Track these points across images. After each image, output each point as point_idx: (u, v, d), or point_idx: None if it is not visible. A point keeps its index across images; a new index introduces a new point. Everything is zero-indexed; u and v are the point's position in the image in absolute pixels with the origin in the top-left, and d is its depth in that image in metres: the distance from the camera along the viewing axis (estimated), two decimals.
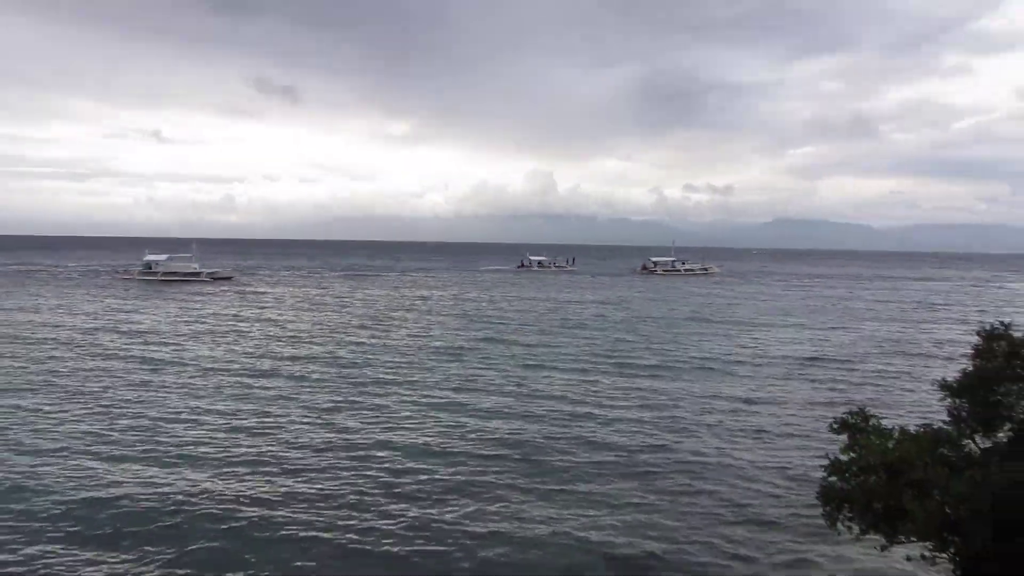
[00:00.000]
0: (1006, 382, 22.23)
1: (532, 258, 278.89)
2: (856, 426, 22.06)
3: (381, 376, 64.11)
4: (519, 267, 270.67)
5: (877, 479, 20.25)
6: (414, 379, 62.72)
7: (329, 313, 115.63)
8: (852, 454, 21.35)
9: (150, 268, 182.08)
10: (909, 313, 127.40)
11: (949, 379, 22.95)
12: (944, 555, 19.61)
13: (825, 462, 21.81)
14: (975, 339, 23.42)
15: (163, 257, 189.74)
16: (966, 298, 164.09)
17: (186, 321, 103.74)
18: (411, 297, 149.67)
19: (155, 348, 78.55)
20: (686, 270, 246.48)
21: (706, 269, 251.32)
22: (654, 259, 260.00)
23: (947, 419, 22.37)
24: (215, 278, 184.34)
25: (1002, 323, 23.68)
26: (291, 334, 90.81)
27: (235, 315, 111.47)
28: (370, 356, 74.60)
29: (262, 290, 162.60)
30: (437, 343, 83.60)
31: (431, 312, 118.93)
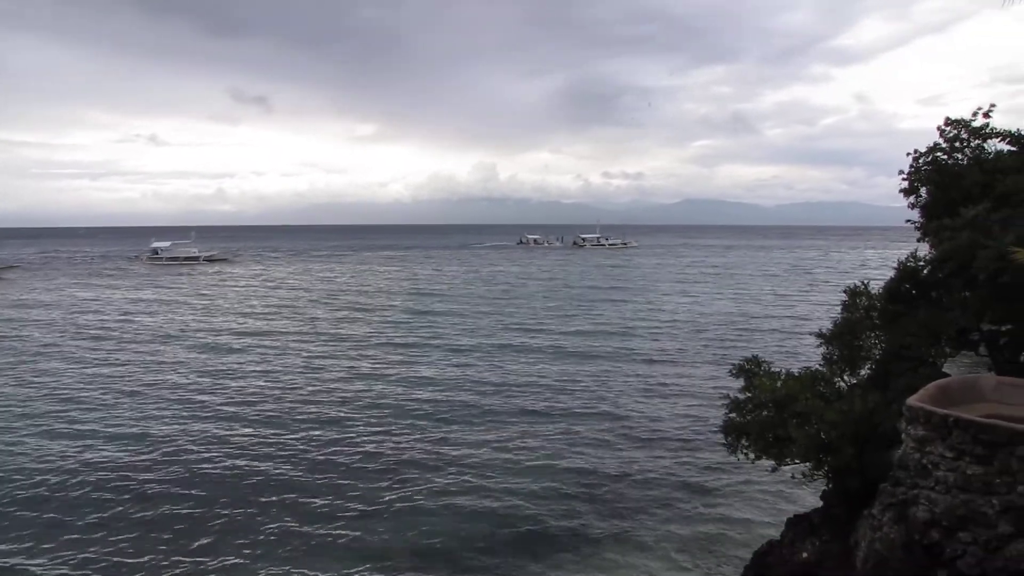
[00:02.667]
0: (865, 331, 23.32)
1: (528, 236, 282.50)
2: (750, 371, 22.96)
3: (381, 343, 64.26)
4: (518, 243, 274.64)
5: (768, 413, 21.17)
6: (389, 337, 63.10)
7: (319, 286, 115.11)
8: (748, 394, 22.25)
9: (156, 253, 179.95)
10: (789, 276, 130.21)
11: (823, 330, 24.01)
12: (820, 472, 20.62)
13: (726, 401, 22.74)
14: (843, 296, 24.54)
15: (167, 243, 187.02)
16: (833, 262, 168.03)
17: (186, 295, 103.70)
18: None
19: (162, 317, 78.05)
20: (610, 244, 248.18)
21: (626, 243, 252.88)
22: (583, 236, 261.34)
23: (822, 362, 23.37)
24: (211, 260, 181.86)
25: (862, 283, 24.78)
26: (272, 305, 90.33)
27: (226, 289, 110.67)
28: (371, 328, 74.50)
29: (252, 269, 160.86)
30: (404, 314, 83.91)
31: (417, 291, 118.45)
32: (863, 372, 23.24)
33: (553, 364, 53.08)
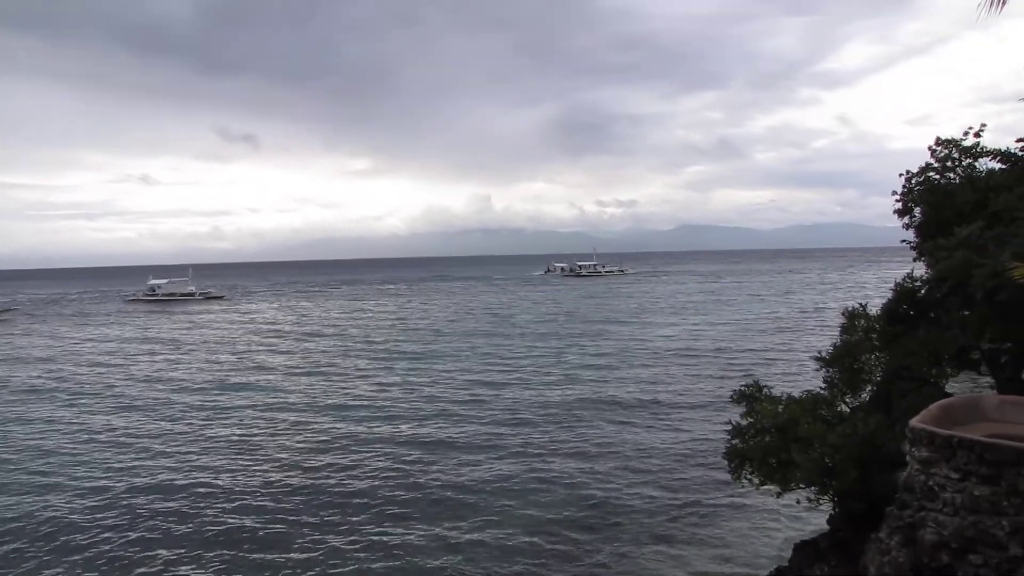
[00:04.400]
0: (865, 352, 23.28)
1: (555, 264, 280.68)
2: (752, 396, 22.90)
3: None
4: (546, 272, 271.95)
5: (770, 438, 21.05)
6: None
7: (318, 322, 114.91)
8: (749, 419, 22.14)
9: (153, 291, 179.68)
10: (786, 300, 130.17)
11: (822, 353, 23.97)
12: (825, 496, 20.46)
13: (728, 427, 22.63)
14: (841, 319, 24.54)
15: (163, 281, 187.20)
16: (829, 285, 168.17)
17: (183, 332, 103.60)
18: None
19: (159, 356, 77.62)
20: (606, 271, 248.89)
21: (622, 270, 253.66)
22: (579, 263, 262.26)
23: (823, 385, 23.29)
24: (208, 297, 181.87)
25: (861, 305, 24.80)
26: (273, 343, 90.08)
27: (226, 328, 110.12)
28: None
29: (251, 306, 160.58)
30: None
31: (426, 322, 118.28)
32: (864, 394, 23.17)
33: (553, 393, 52.78)
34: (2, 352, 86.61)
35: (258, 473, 36.30)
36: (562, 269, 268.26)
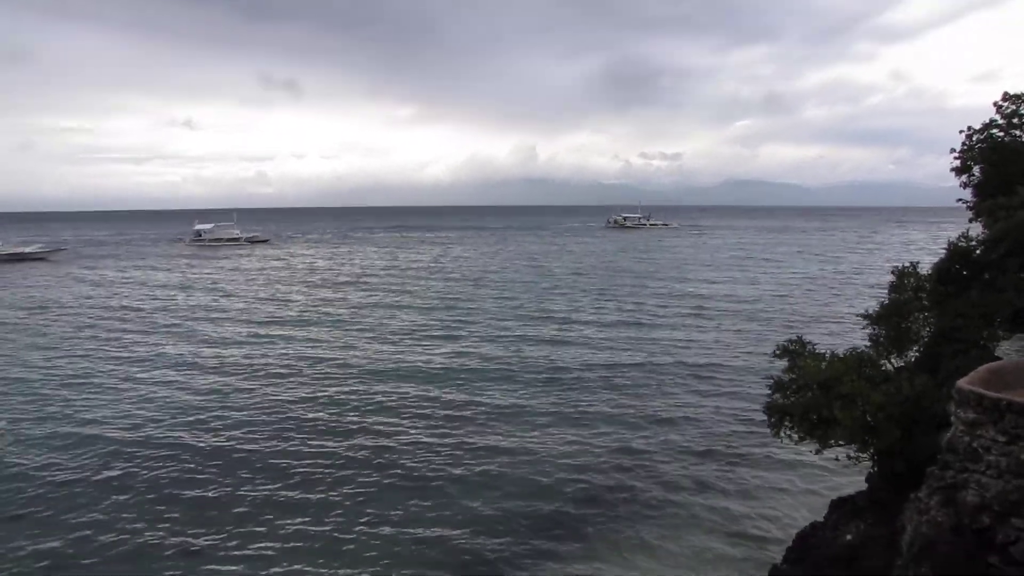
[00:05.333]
0: (914, 312, 22.87)
1: (616, 216, 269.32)
2: (794, 351, 22.65)
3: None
4: (614, 224, 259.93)
5: (812, 394, 20.88)
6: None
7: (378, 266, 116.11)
8: (791, 375, 21.96)
9: (199, 235, 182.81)
10: (833, 257, 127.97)
11: (869, 311, 23.61)
12: (865, 455, 20.32)
13: (769, 382, 22.50)
14: (890, 278, 24.09)
15: (209, 226, 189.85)
16: (878, 244, 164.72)
17: (232, 273, 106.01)
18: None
19: (208, 296, 79.41)
20: (651, 225, 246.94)
21: (667, 224, 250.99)
22: (624, 215, 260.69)
23: (868, 344, 22.97)
24: (253, 242, 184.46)
25: (911, 264, 24.29)
26: (312, 288, 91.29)
27: (268, 272, 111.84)
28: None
29: (294, 250, 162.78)
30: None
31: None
32: (911, 354, 22.82)
33: (594, 345, 52.88)
34: (51, 289, 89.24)
35: (281, 419, 36.93)
36: (627, 220, 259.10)
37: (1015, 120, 25.59)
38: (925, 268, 23.70)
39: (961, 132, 26.77)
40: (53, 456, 31.34)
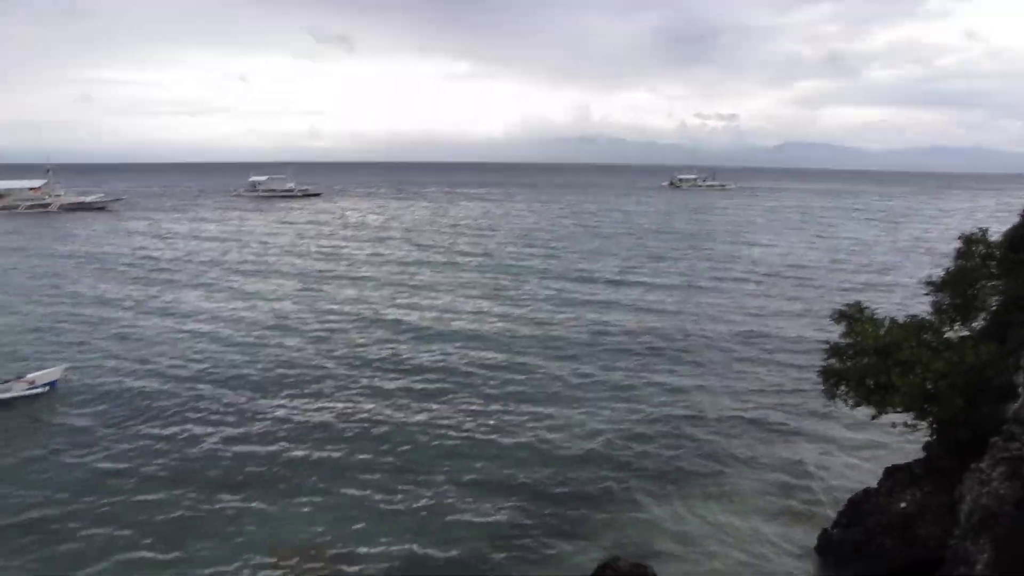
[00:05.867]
0: (981, 279, 22.16)
1: (680, 176, 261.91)
2: (852, 316, 22.15)
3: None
4: (669, 185, 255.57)
5: (869, 360, 20.46)
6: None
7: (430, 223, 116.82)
8: (849, 339, 21.53)
9: (254, 187, 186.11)
10: (895, 224, 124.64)
11: (933, 278, 22.98)
12: (923, 423, 19.91)
13: (825, 346, 22.11)
14: (955, 244, 23.37)
15: (264, 178, 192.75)
16: (944, 211, 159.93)
17: (284, 225, 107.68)
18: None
19: (259, 248, 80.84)
20: (707, 186, 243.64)
21: (723, 186, 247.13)
22: (680, 176, 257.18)
23: (930, 311, 22.36)
24: (306, 194, 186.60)
25: (980, 229, 23.48)
26: (359, 242, 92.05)
27: (322, 223, 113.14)
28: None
29: (345, 204, 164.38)
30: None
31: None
32: (976, 322, 22.18)
33: (643, 308, 52.49)
34: (109, 238, 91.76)
35: (323, 376, 37.35)
36: (680, 182, 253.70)
37: None
38: (995, 236, 22.89)
39: None
40: (107, 400, 32.41)
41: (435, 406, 31.69)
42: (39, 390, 32.69)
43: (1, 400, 31.57)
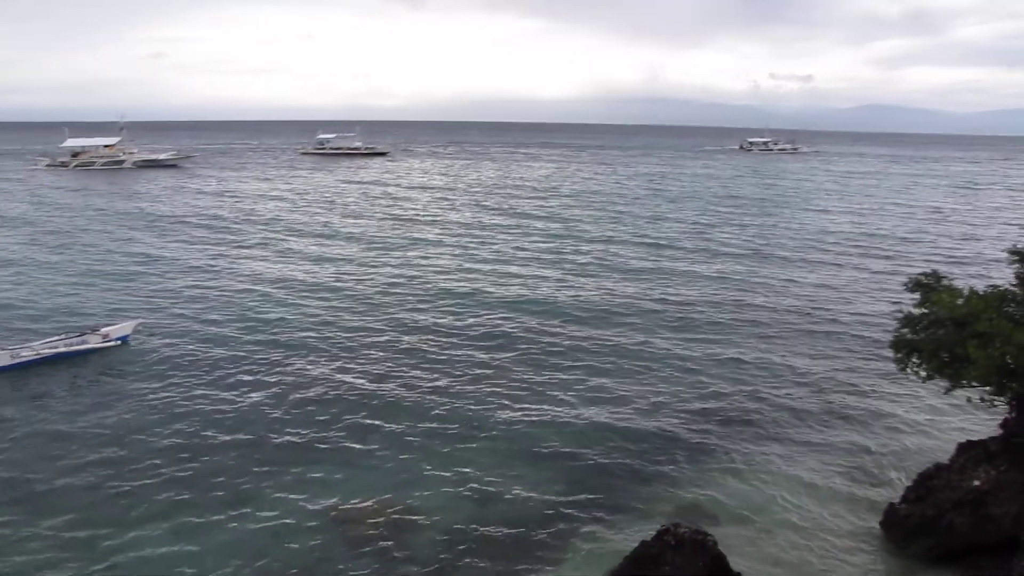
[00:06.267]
0: None
1: (751, 140, 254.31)
2: (929, 285, 21.40)
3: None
4: (739, 148, 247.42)
5: (945, 331, 19.78)
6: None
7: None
8: (924, 309, 20.83)
9: (322, 145, 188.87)
10: (976, 191, 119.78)
11: (1017, 246, 21.98)
12: (1002, 398, 19.21)
13: (898, 315, 21.45)
14: None
15: (331, 136, 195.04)
16: None
17: (350, 184, 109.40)
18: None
19: (325, 207, 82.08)
20: (778, 149, 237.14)
21: (796, 149, 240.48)
22: (751, 139, 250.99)
23: (1014, 281, 21.41)
24: (373, 153, 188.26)
25: None
26: (424, 200, 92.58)
27: (387, 183, 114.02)
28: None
29: (412, 162, 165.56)
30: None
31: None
32: None
33: (706, 276, 51.59)
34: (178, 196, 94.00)
35: (380, 342, 37.63)
36: (751, 145, 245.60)
37: None
38: None
39: None
40: (175, 358, 33.24)
41: (493, 373, 31.60)
42: (112, 343, 33.74)
43: (77, 352, 32.76)
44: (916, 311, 21.02)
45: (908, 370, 20.88)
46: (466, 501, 21.48)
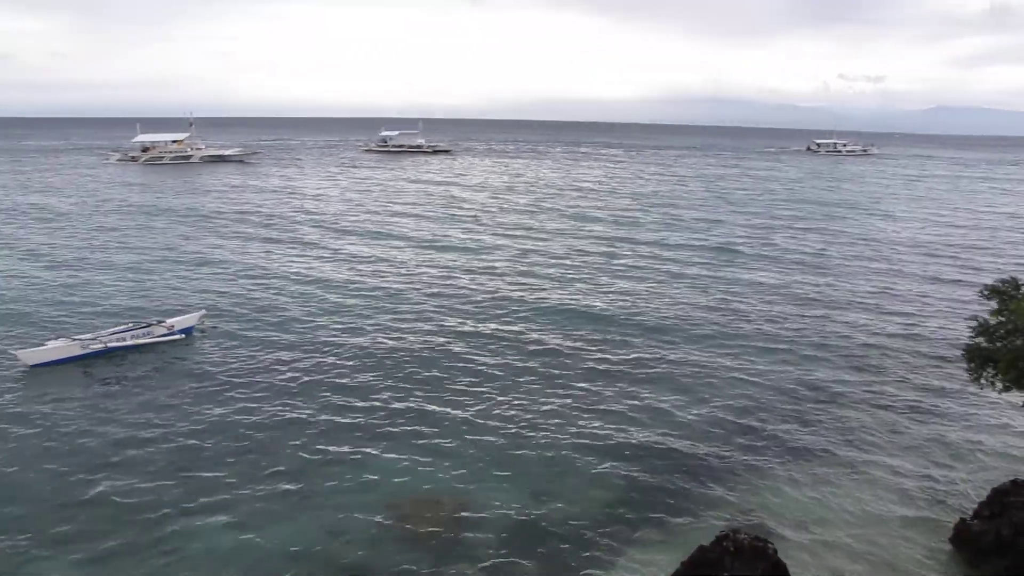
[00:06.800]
0: None
1: (818, 142, 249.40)
2: (1006, 293, 20.60)
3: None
4: (807, 149, 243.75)
5: (1023, 341, 19.02)
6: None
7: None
8: (1000, 318, 20.07)
9: (385, 142, 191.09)
10: None
11: None
12: None
13: (972, 324, 20.72)
14: None
15: (394, 133, 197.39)
16: None
17: (414, 181, 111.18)
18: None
19: (383, 202, 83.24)
20: (847, 151, 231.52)
21: (866, 151, 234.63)
22: (819, 140, 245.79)
23: None
24: (436, 150, 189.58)
25: None
26: (482, 199, 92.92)
27: (449, 181, 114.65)
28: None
29: (472, 160, 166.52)
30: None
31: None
32: None
33: (767, 281, 50.67)
34: (242, 192, 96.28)
35: (437, 348, 38.23)
36: (819, 146, 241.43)
37: None
38: None
39: None
40: (238, 350, 34.05)
41: (548, 381, 31.37)
42: (177, 336, 34.62)
43: (143, 343, 33.69)
44: (992, 320, 20.27)
45: (982, 381, 20.17)
46: (522, 502, 21.47)
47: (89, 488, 21.63)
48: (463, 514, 20.69)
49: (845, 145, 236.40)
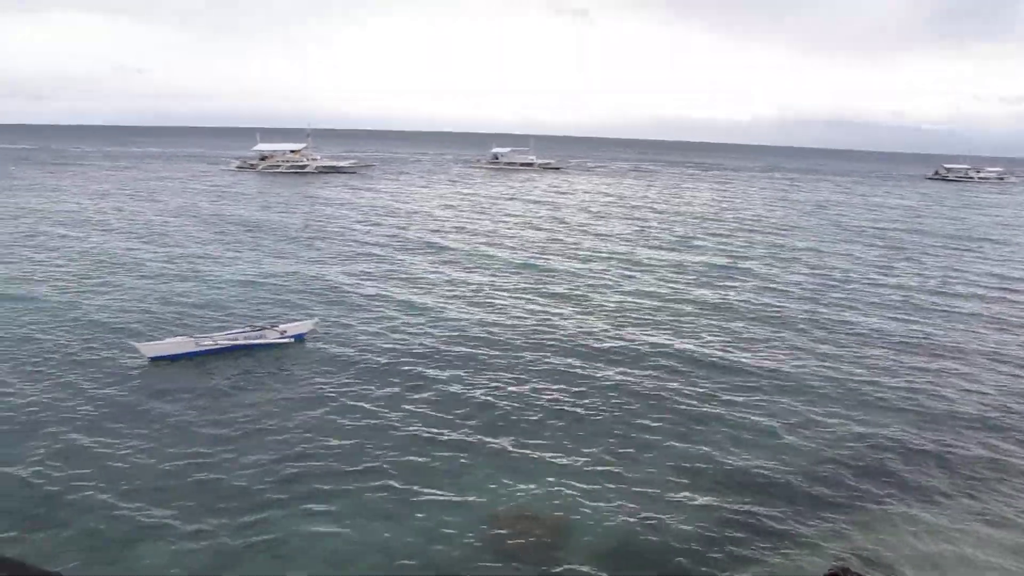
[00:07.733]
0: None
1: (948, 166, 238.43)
2: None
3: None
4: (934, 175, 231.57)
5: None
6: None
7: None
8: None
9: (496, 158, 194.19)
10: None
11: None
12: None
13: None
14: None
15: (506, 149, 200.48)
16: None
17: (524, 200, 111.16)
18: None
19: (490, 219, 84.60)
20: (980, 178, 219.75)
21: (1002, 177, 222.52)
22: (947, 166, 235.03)
23: None
24: (546, 168, 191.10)
25: None
26: (588, 220, 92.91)
27: (558, 201, 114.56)
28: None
29: (583, 178, 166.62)
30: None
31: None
32: None
33: (884, 332, 48.88)
34: (354, 202, 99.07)
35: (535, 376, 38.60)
36: (948, 172, 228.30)
37: None
38: None
39: None
40: (350, 359, 34.88)
41: (660, 393, 31.51)
42: (288, 340, 35.80)
43: (255, 344, 35.09)
44: None
45: None
46: (623, 520, 21.40)
47: (197, 472, 23.09)
48: (561, 529, 20.82)
49: (978, 171, 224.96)
